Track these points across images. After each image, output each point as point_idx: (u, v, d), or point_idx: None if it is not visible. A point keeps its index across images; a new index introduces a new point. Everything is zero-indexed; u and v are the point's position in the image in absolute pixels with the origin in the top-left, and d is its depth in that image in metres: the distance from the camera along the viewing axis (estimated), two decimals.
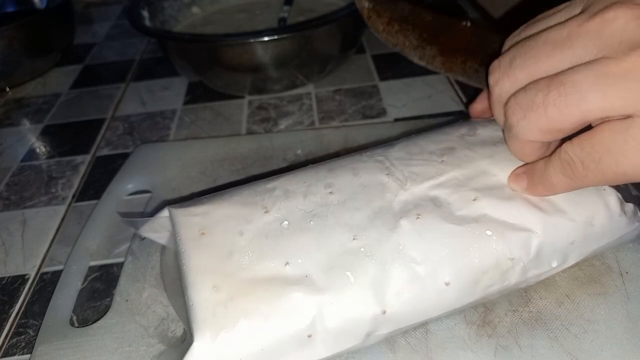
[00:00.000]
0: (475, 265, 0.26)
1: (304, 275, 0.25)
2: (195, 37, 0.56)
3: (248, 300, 0.25)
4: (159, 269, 0.34)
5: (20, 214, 0.43)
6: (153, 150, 0.46)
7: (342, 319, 0.25)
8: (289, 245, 0.26)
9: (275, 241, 0.27)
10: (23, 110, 0.59)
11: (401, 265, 0.26)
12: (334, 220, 0.27)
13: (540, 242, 0.27)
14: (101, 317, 0.32)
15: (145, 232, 0.32)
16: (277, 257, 0.26)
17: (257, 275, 0.25)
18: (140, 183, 0.43)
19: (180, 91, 0.59)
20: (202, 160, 0.44)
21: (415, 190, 0.29)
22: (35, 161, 0.50)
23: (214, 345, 0.24)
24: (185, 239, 0.28)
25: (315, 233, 0.27)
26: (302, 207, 0.28)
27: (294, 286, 0.25)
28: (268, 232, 0.27)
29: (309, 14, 0.61)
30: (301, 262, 0.26)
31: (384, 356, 0.28)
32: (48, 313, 0.32)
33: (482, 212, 0.27)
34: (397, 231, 0.27)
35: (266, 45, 0.50)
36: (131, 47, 0.72)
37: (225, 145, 0.46)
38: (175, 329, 0.30)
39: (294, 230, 0.27)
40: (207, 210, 0.29)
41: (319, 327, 0.25)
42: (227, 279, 0.25)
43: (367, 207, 0.28)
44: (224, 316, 0.24)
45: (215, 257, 0.26)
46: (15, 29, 0.60)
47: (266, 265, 0.26)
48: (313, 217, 0.28)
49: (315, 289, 0.25)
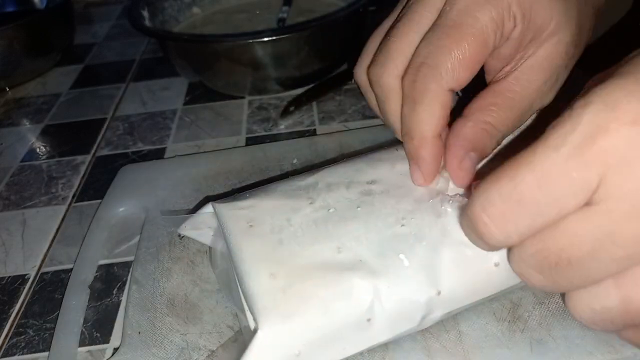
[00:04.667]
0: None
1: (357, 259, 0.25)
2: (195, 37, 0.56)
3: (306, 285, 0.25)
4: (168, 295, 0.33)
5: (20, 214, 0.43)
6: (140, 171, 0.44)
7: (399, 302, 0.25)
8: (339, 231, 0.27)
9: (324, 228, 0.27)
10: (23, 110, 0.59)
11: (450, 248, 0.26)
12: (380, 207, 0.28)
13: None
14: (113, 355, 0.30)
15: (185, 231, 0.32)
16: (328, 243, 0.26)
17: (311, 261, 0.25)
18: (132, 206, 0.41)
19: (180, 91, 0.59)
20: (195, 176, 0.42)
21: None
22: (35, 161, 0.50)
23: (278, 332, 0.24)
24: (234, 232, 0.28)
25: (363, 219, 0.27)
26: (347, 196, 0.29)
27: (350, 271, 0.25)
28: (316, 219, 0.27)
29: (309, 14, 0.61)
30: (353, 247, 0.26)
31: (417, 354, 0.28)
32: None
33: None
34: (443, 216, 0.27)
35: (266, 45, 0.50)
36: (131, 47, 0.72)
37: (216, 159, 0.44)
38: (197, 357, 0.29)
39: (341, 217, 0.27)
40: (253, 204, 0.29)
41: (377, 311, 0.25)
42: (282, 266, 0.25)
43: (409, 195, 0.28)
44: (285, 302, 0.24)
45: (267, 246, 0.26)
46: (15, 29, 0.60)
47: (318, 251, 0.26)
48: (359, 205, 0.28)
49: (371, 272, 0.25)
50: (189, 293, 0.33)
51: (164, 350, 0.30)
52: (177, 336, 0.30)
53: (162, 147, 0.50)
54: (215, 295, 0.33)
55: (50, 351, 0.31)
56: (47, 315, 0.34)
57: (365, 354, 0.28)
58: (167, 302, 0.33)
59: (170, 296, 0.33)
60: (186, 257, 0.35)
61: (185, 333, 0.31)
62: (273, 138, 0.49)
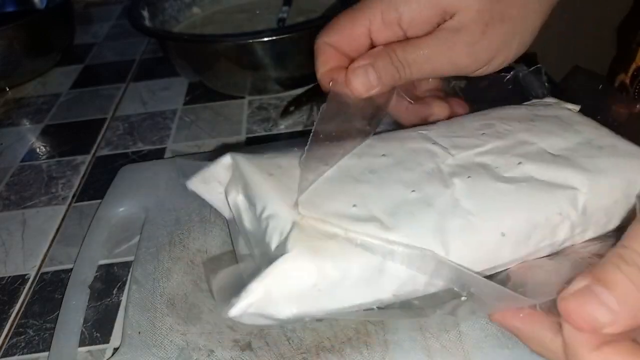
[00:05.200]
0: (527, 219, 0.27)
1: (372, 216, 0.26)
2: (195, 37, 0.56)
3: (326, 227, 0.26)
4: (168, 295, 0.33)
5: (20, 214, 0.43)
6: (140, 171, 0.44)
7: (410, 257, 0.25)
8: (353, 191, 0.28)
9: (339, 186, 0.28)
10: (23, 110, 0.59)
11: (459, 215, 0.27)
12: (391, 176, 0.29)
13: (586, 200, 0.28)
14: (113, 355, 0.30)
15: (193, 184, 0.33)
16: (344, 199, 0.27)
17: (328, 210, 0.27)
18: (132, 206, 0.41)
19: (180, 91, 0.59)
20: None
21: (462, 156, 0.30)
22: (35, 161, 0.50)
23: (302, 260, 0.25)
24: (255, 179, 0.29)
25: (375, 184, 0.28)
26: (360, 164, 0.30)
27: (366, 223, 0.26)
28: (332, 178, 0.29)
29: (309, 14, 0.61)
30: (367, 205, 0.27)
31: (417, 354, 0.28)
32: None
33: (529, 174, 0.29)
34: (451, 187, 0.28)
35: (266, 45, 0.50)
36: (131, 47, 0.72)
37: None
38: (198, 357, 0.29)
39: (355, 180, 0.29)
40: (271, 158, 0.31)
41: (389, 264, 0.25)
42: (304, 209, 0.26)
43: (419, 168, 0.29)
44: (310, 237, 0.25)
45: (287, 193, 0.28)
46: (15, 29, 0.60)
47: (334, 204, 0.27)
48: (371, 172, 0.29)
49: (385, 227, 0.26)
50: (189, 293, 0.33)
51: (164, 350, 0.30)
52: (177, 336, 0.30)
53: (162, 147, 0.50)
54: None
55: (50, 351, 0.31)
56: (47, 315, 0.34)
57: (365, 353, 0.28)
58: (167, 302, 0.32)
59: (170, 296, 0.33)
60: (186, 257, 0.35)
61: (185, 333, 0.31)
62: (273, 138, 0.49)
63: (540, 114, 0.34)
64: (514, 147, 0.31)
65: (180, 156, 0.38)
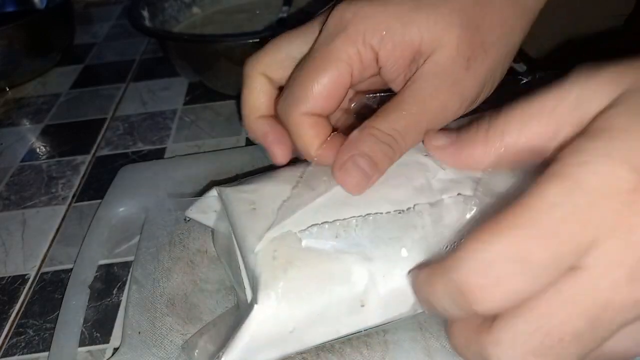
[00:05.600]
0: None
1: (354, 244, 0.26)
2: (195, 37, 0.56)
3: (304, 266, 0.26)
4: (168, 295, 0.33)
5: (20, 214, 0.43)
6: (140, 171, 0.44)
7: (393, 288, 0.26)
8: (336, 216, 0.27)
9: (323, 212, 0.28)
10: (23, 110, 0.59)
11: (445, 235, 0.26)
12: (377, 195, 0.28)
13: None
14: (113, 355, 0.30)
15: (192, 214, 0.33)
16: (327, 232, 0.27)
17: (309, 245, 0.26)
18: (132, 206, 0.41)
19: (180, 91, 0.59)
20: (195, 177, 0.42)
21: (453, 170, 0.29)
22: (35, 161, 0.50)
23: (275, 308, 0.25)
24: (237, 213, 0.29)
25: (361, 206, 0.27)
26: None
27: (347, 254, 0.26)
28: (315, 206, 0.28)
29: (309, 15, 0.61)
30: (350, 232, 0.27)
31: (417, 354, 0.28)
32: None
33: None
34: (439, 205, 0.27)
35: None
36: (131, 47, 0.72)
37: (216, 160, 0.44)
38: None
39: (340, 202, 0.28)
40: (256, 188, 0.30)
41: (371, 296, 0.26)
42: (282, 247, 0.26)
43: (408, 184, 0.28)
44: (284, 280, 0.25)
45: (267, 227, 0.27)
46: (15, 29, 0.60)
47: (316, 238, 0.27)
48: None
49: (367, 258, 0.26)
50: (189, 293, 0.33)
51: (164, 350, 0.30)
52: (177, 336, 0.30)
53: (162, 147, 0.50)
54: (215, 295, 0.33)
55: (50, 351, 0.31)
56: (47, 315, 0.35)
57: (365, 353, 0.28)
58: (167, 302, 0.32)
59: (170, 296, 0.33)
60: (186, 257, 0.35)
61: (185, 333, 0.31)
62: None
63: None
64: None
65: (172, 196, 0.40)
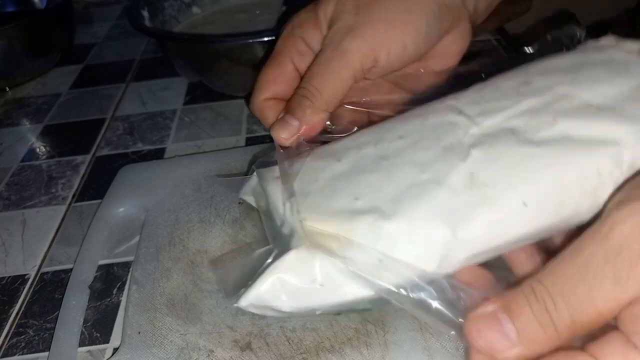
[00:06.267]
0: (557, 183, 0.24)
1: (373, 206, 0.26)
2: (195, 37, 0.56)
3: (325, 226, 0.26)
4: (168, 295, 0.33)
5: (20, 214, 0.43)
6: (140, 171, 0.44)
7: (412, 244, 0.25)
8: (359, 184, 0.28)
9: (346, 183, 0.28)
10: (23, 110, 0.59)
11: (472, 190, 0.25)
12: (404, 160, 0.28)
13: (633, 155, 0.24)
14: (113, 355, 0.30)
15: (244, 195, 0.35)
16: (347, 195, 0.27)
17: (329, 210, 0.27)
18: (132, 206, 0.41)
19: (180, 91, 0.59)
20: (195, 176, 0.42)
21: (488, 123, 0.27)
22: (35, 161, 0.50)
23: (306, 258, 0.26)
24: (273, 190, 0.30)
25: (385, 173, 0.28)
26: (374, 153, 0.29)
27: (364, 215, 0.26)
28: (340, 176, 0.29)
29: None
30: (371, 195, 0.27)
31: (417, 354, 0.28)
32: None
33: (564, 133, 0.25)
34: (468, 160, 0.26)
35: (266, 45, 0.50)
36: (131, 47, 0.72)
37: (217, 160, 0.44)
38: (197, 357, 0.29)
39: (364, 172, 0.28)
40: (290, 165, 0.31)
41: (389, 248, 0.25)
42: (309, 215, 0.27)
43: (437, 145, 0.28)
44: (311, 235, 0.26)
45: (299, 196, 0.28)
46: (15, 29, 0.60)
47: (337, 201, 0.27)
48: (383, 159, 0.29)
49: (384, 216, 0.25)
50: (189, 293, 0.33)
51: (164, 350, 0.30)
52: (177, 336, 0.30)
53: (162, 147, 0.50)
54: (215, 295, 0.33)
55: (50, 351, 0.31)
56: (47, 315, 0.34)
57: (365, 353, 0.28)
58: (167, 302, 0.32)
59: (170, 296, 0.33)
60: (186, 257, 0.35)
61: (185, 333, 0.31)
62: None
63: (590, 61, 0.29)
64: (552, 103, 0.27)
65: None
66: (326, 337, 0.30)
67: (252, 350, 0.29)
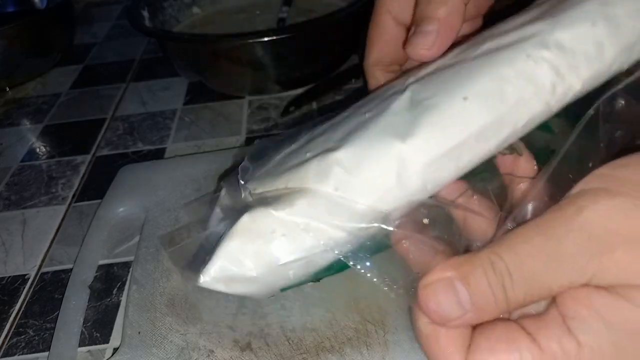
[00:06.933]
0: (493, 77, 0.24)
1: (322, 150, 0.26)
2: (195, 37, 0.56)
3: (275, 186, 0.26)
4: (168, 295, 0.33)
5: (20, 214, 0.43)
6: (140, 171, 0.44)
7: (365, 165, 0.25)
8: (309, 147, 0.28)
9: (297, 152, 0.28)
10: (23, 110, 0.59)
11: (414, 107, 0.25)
12: (351, 118, 0.28)
13: (556, 34, 0.24)
14: (113, 355, 0.30)
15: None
16: (297, 157, 0.27)
17: (280, 171, 0.27)
18: (132, 206, 0.41)
19: (180, 91, 0.59)
20: (195, 177, 0.42)
21: (423, 73, 0.28)
22: (35, 161, 0.50)
23: (261, 215, 0.25)
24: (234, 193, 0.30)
25: (334, 128, 0.28)
26: (325, 127, 0.29)
27: (313, 159, 0.26)
28: (291, 151, 0.29)
29: (309, 14, 0.61)
30: (319, 146, 0.27)
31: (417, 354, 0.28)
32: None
33: (496, 44, 0.26)
34: (406, 92, 0.26)
35: (266, 45, 0.50)
36: (131, 47, 0.72)
37: (216, 160, 0.44)
38: (197, 357, 0.29)
39: (314, 139, 0.28)
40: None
41: (343, 181, 0.25)
42: (263, 182, 0.27)
43: (379, 98, 0.28)
44: (262, 199, 0.26)
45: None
46: (15, 29, 0.60)
47: (287, 165, 0.27)
48: (332, 125, 0.29)
49: (331, 150, 0.25)
50: (189, 293, 0.33)
51: (164, 350, 0.30)
52: (177, 336, 0.30)
53: (162, 147, 0.50)
54: (215, 295, 0.32)
55: (50, 351, 0.31)
56: (47, 315, 0.35)
57: (365, 353, 0.28)
58: (167, 302, 0.32)
59: (170, 296, 0.33)
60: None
61: (185, 333, 0.31)
62: None
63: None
64: (486, 38, 0.27)
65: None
66: (326, 337, 0.30)
67: (252, 350, 0.29)
